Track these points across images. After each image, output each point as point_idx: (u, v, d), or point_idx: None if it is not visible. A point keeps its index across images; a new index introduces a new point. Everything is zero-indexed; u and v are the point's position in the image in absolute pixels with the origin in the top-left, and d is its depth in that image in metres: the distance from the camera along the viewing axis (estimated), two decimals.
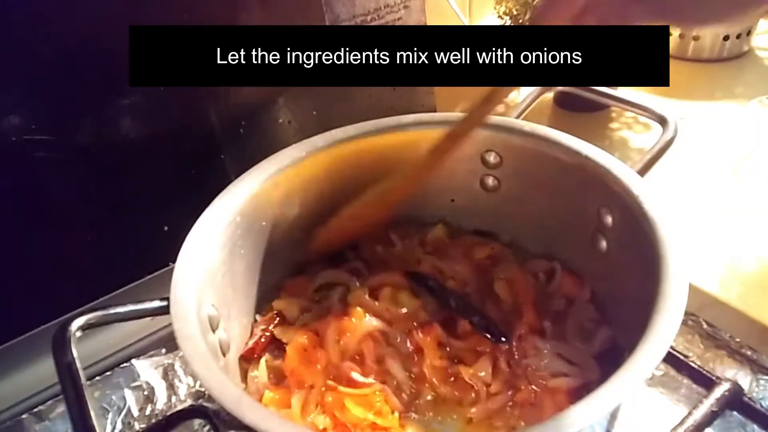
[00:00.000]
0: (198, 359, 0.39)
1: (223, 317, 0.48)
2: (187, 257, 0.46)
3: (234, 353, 0.51)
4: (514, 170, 0.59)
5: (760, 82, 1.01)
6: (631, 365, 0.36)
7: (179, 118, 0.64)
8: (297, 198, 0.58)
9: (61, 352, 0.39)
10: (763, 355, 0.55)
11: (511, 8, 0.85)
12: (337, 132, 0.58)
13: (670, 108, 0.95)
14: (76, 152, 0.59)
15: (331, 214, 0.58)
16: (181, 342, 0.40)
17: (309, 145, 0.57)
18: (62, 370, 0.38)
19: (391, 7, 0.75)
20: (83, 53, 0.56)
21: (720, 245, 0.68)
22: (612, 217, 0.51)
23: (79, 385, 0.38)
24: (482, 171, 0.61)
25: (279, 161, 0.56)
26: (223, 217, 0.50)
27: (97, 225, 0.62)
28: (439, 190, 0.63)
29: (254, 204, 0.53)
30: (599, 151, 0.53)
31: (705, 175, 0.78)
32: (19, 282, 0.58)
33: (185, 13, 0.60)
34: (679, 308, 0.39)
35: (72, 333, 0.40)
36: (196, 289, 0.44)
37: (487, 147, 0.59)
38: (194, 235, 0.48)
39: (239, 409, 0.35)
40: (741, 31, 1.04)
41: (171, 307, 0.42)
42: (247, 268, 0.54)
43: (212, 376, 0.38)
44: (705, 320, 0.59)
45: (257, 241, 0.55)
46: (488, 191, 0.62)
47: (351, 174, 0.59)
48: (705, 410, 0.49)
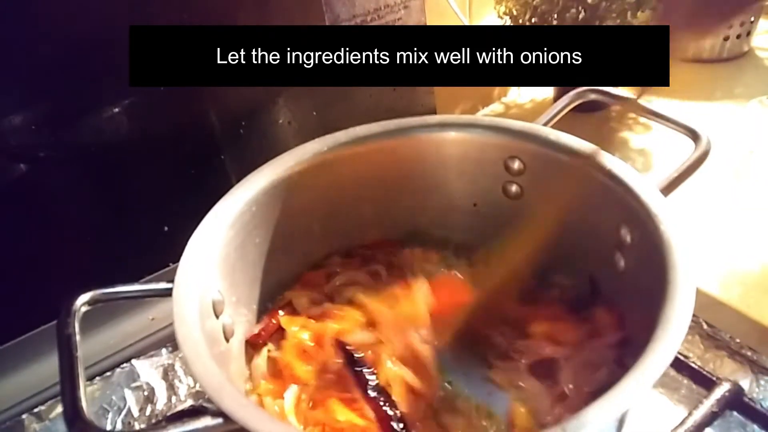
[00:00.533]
0: (189, 343, 0.39)
1: (231, 304, 0.49)
2: (198, 243, 0.47)
3: (239, 339, 0.51)
4: (537, 178, 0.58)
5: (760, 82, 1.01)
6: (640, 369, 0.36)
7: (179, 118, 0.64)
8: (316, 192, 0.58)
9: (63, 324, 0.40)
10: (763, 355, 0.55)
11: (511, 8, 0.85)
12: (361, 129, 0.58)
13: (668, 108, 0.96)
14: (76, 152, 0.59)
15: (352, 210, 0.59)
16: (177, 324, 0.40)
17: (331, 140, 0.57)
18: (62, 340, 0.39)
19: (391, 7, 0.75)
20: (83, 53, 0.56)
21: (720, 245, 0.68)
22: (631, 235, 0.50)
23: (74, 356, 0.39)
24: (505, 177, 0.59)
25: (300, 154, 0.56)
26: (238, 206, 0.51)
27: (97, 225, 0.62)
28: (462, 194, 0.62)
29: (271, 195, 0.53)
30: (625, 166, 0.51)
31: (705, 175, 0.78)
32: (19, 282, 0.58)
33: (185, 12, 0.60)
34: (688, 304, 0.39)
35: (77, 308, 0.41)
36: (203, 275, 0.45)
37: (511, 153, 0.58)
38: (207, 222, 0.49)
39: (219, 395, 0.36)
40: (741, 31, 1.04)
41: (174, 290, 0.43)
42: (261, 257, 0.54)
43: (199, 361, 0.38)
44: (705, 321, 0.59)
45: (273, 231, 0.55)
46: (511, 198, 0.60)
47: (373, 172, 0.59)
48: (705, 411, 0.49)
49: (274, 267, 0.56)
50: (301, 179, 0.56)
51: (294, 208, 0.56)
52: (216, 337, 0.46)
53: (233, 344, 0.50)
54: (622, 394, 0.35)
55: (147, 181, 0.64)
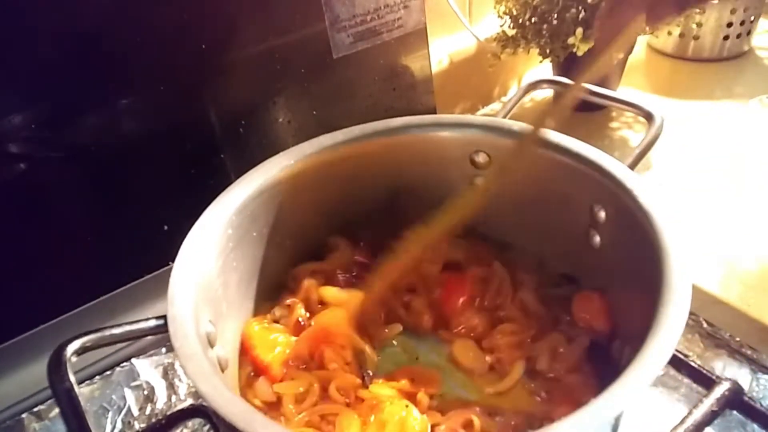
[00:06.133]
0: (204, 379, 0.37)
1: (221, 333, 0.47)
2: (181, 272, 0.45)
3: (231, 369, 0.50)
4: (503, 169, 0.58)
5: (760, 82, 1.01)
6: (636, 368, 0.36)
7: (179, 118, 0.64)
8: (288, 207, 0.56)
9: (57, 379, 0.38)
10: (763, 354, 0.55)
11: (511, 8, 0.85)
12: (325, 138, 0.57)
13: (668, 107, 0.96)
14: (76, 152, 0.59)
15: (330, 221, 0.58)
16: (184, 361, 0.38)
17: (298, 152, 0.56)
18: (61, 396, 0.37)
19: (390, 7, 0.75)
20: (83, 53, 0.56)
21: (720, 245, 0.68)
22: (605, 212, 0.51)
23: (79, 411, 0.37)
24: (472, 172, 0.60)
25: (267, 170, 0.54)
26: (214, 229, 0.49)
27: (96, 224, 0.62)
28: (431, 194, 0.61)
29: (244, 215, 0.52)
30: (589, 147, 0.53)
31: (705, 174, 0.78)
32: (19, 282, 0.58)
33: (185, 12, 0.60)
34: (685, 300, 0.39)
35: (67, 357, 0.38)
36: (193, 305, 0.43)
37: (476, 147, 0.59)
38: (186, 249, 0.46)
39: (254, 428, 0.34)
40: (741, 31, 1.05)
41: (169, 326, 0.41)
42: (240, 280, 0.53)
43: (221, 395, 0.36)
44: (705, 320, 0.59)
45: (249, 253, 0.54)
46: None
47: (350, 180, 0.58)
48: (705, 410, 0.48)
49: (253, 289, 0.55)
50: (269, 195, 0.54)
51: (268, 225, 0.55)
52: (216, 368, 0.44)
53: (228, 375, 0.48)
54: (618, 394, 0.35)
55: (147, 180, 0.64)
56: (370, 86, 0.78)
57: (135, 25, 0.58)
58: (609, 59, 0.49)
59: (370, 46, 0.75)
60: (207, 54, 0.63)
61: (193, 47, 0.62)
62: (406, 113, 0.60)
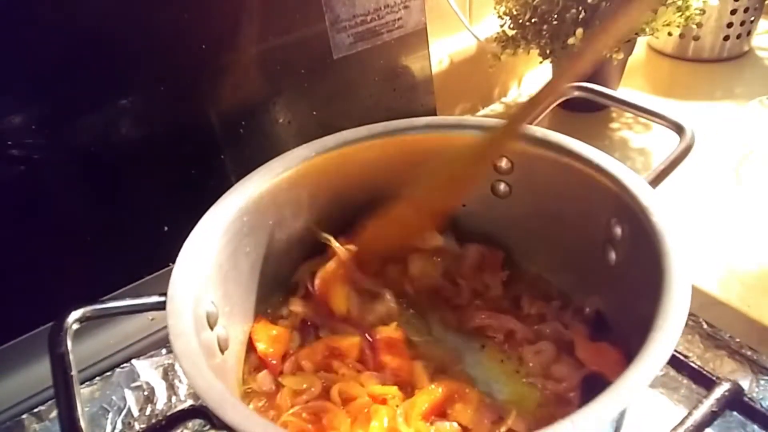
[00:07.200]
0: (186, 357, 0.39)
1: (225, 314, 0.48)
2: (189, 254, 0.46)
3: (234, 351, 0.51)
4: (525, 176, 0.58)
5: (760, 82, 1.02)
6: (636, 368, 0.36)
7: (179, 118, 0.64)
8: (306, 199, 0.57)
9: (55, 343, 0.39)
10: (763, 355, 0.55)
11: (511, 8, 0.85)
12: (348, 133, 0.58)
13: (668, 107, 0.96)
14: (76, 152, 0.59)
15: (344, 216, 0.58)
16: (173, 338, 0.40)
17: (319, 145, 0.57)
18: (55, 360, 0.39)
19: (391, 7, 0.75)
20: (83, 53, 0.56)
21: (720, 245, 0.68)
22: (622, 228, 0.50)
23: (69, 375, 0.38)
24: (494, 176, 0.59)
25: (288, 161, 0.55)
26: (228, 215, 0.50)
27: (96, 225, 0.62)
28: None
29: (261, 203, 0.53)
30: (612, 161, 0.51)
31: (705, 175, 0.78)
32: (19, 282, 0.58)
33: (185, 12, 0.60)
34: (685, 301, 0.39)
35: (68, 325, 0.40)
36: (196, 286, 0.44)
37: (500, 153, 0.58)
38: (197, 233, 0.48)
39: (222, 408, 0.35)
40: (741, 31, 1.05)
41: (167, 303, 0.42)
42: (253, 266, 0.54)
43: (198, 374, 0.38)
44: (705, 320, 0.59)
45: (264, 240, 0.55)
46: (499, 197, 0.60)
47: (364, 176, 0.59)
48: (705, 410, 0.49)
49: (267, 276, 0.56)
50: (288, 185, 0.55)
51: (283, 215, 0.56)
52: (211, 349, 0.45)
53: (228, 357, 0.49)
54: (618, 394, 0.35)
55: (147, 181, 0.64)
56: (371, 87, 0.78)
57: (135, 26, 0.58)
58: (595, 55, 0.48)
59: (370, 47, 0.75)
60: (207, 54, 0.63)
61: (193, 47, 0.62)
62: (407, 114, 0.60)
